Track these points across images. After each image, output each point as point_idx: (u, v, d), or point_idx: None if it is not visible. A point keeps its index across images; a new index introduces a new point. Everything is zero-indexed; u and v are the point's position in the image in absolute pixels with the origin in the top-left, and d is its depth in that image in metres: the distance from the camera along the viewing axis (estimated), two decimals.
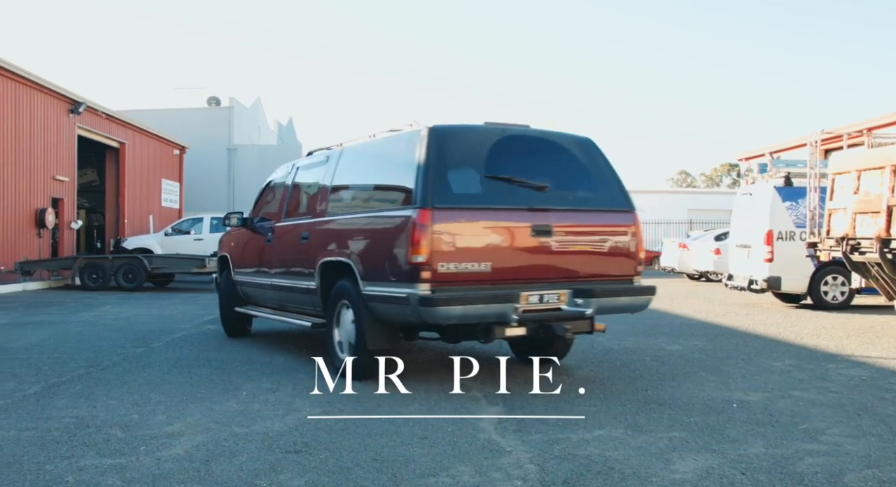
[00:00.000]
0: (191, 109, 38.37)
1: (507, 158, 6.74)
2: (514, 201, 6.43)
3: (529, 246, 6.35)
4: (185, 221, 24.53)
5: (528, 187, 6.48)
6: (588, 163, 7.02)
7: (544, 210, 6.45)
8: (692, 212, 42.70)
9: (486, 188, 6.49)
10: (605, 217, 6.86)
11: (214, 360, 7.92)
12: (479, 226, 6.25)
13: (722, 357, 8.30)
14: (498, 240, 6.28)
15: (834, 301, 14.00)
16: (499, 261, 6.21)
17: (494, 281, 6.20)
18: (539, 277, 6.41)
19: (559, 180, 6.86)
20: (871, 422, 5.33)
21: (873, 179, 10.05)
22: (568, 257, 6.58)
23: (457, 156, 6.54)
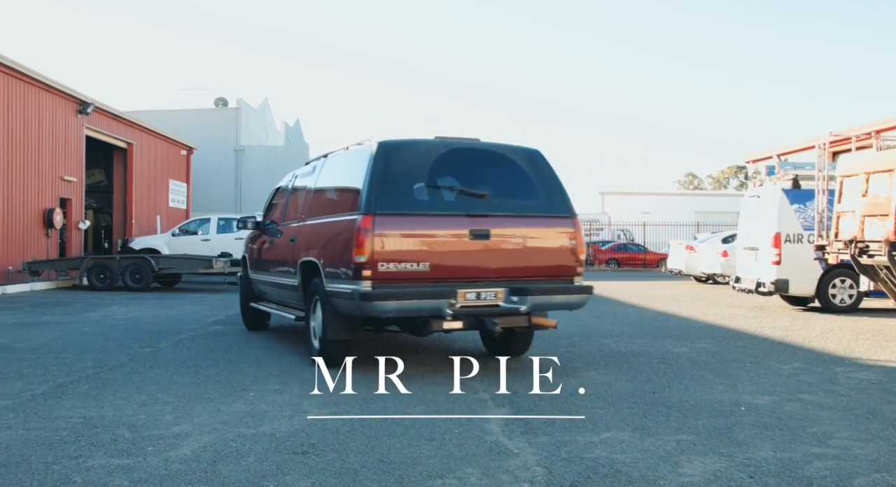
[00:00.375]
0: (198, 110, 38.46)
1: (452, 169, 7.37)
2: (453, 208, 7.14)
3: (467, 249, 7.01)
4: (192, 222, 24.58)
5: (468, 195, 7.20)
6: (533, 173, 7.59)
7: (483, 216, 7.09)
8: (699, 214, 42.69)
9: (428, 196, 7.17)
10: (546, 222, 7.48)
11: (222, 361, 7.94)
12: (418, 230, 6.92)
13: (729, 359, 8.27)
14: (436, 243, 6.98)
15: (842, 304, 13.94)
16: (437, 262, 6.90)
17: (433, 279, 6.86)
18: (477, 277, 7.01)
19: (502, 189, 7.46)
20: (881, 426, 5.31)
21: (882, 182, 10.00)
22: (506, 259, 7.20)
23: (402, 167, 7.18)
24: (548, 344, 9.26)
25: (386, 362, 6.53)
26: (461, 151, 7.51)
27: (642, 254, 37.44)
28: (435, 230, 6.99)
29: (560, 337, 10.04)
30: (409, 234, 6.88)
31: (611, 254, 37.68)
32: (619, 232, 43.71)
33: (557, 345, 9.19)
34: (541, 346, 9.09)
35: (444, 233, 7.01)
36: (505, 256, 7.20)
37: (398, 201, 6.95)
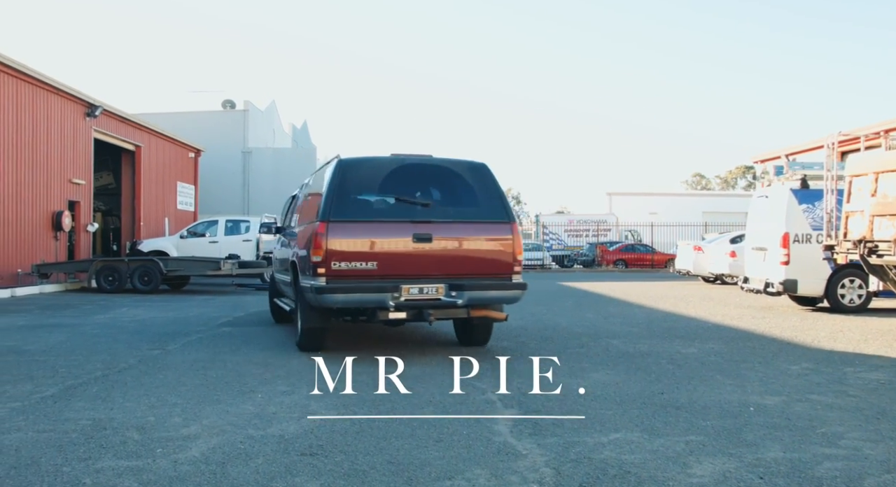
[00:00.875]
0: (206, 112, 38.57)
1: (403, 182, 8.41)
2: (399, 215, 8.17)
3: (411, 250, 8.00)
4: (200, 224, 24.63)
5: (413, 204, 8.23)
6: (476, 184, 8.54)
7: (426, 222, 8.08)
8: (707, 214, 42.60)
9: (377, 205, 8.32)
10: (485, 227, 8.37)
11: (230, 362, 7.95)
12: (366, 234, 8.02)
13: (738, 360, 8.24)
14: (382, 245, 8.03)
15: (851, 304, 13.88)
16: (383, 262, 7.95)
17: (380, 276, 7.91)
18: (420, 274, 8.02)
19: (447, 198, 8.59)
20: (891, 426, 5.28)
21: (891, 181, 9.95)
22: (447, 259, 8.15)
23: (356, 181, 8.33)
24: (556, 345, 9.26)
25: (386, 362, 6.55)
26: (412, 166, 8.57)
27: (650, 255, 37.35)
28: (382, 234, 8.06)
29: (568, 337, 10.04)
30: (360, 238, 7.98)
31: (618, 255, 37.61)
32: (627, 232, 43.65)
33: (566, 346, 9.18)
34: (549, 347, 9.10)
35: (389, 237, 8.07)
36: (445, 257, 8.15)
37: (351, 210, 8.08)
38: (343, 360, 6.44)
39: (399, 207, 8.24)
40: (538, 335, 10.34)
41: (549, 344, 9.37)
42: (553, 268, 37.87)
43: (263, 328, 11.17)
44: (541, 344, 9.44)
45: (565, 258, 40.19)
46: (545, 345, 9.29)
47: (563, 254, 40.85)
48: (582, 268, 37.70)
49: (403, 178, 8.43)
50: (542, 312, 13.76)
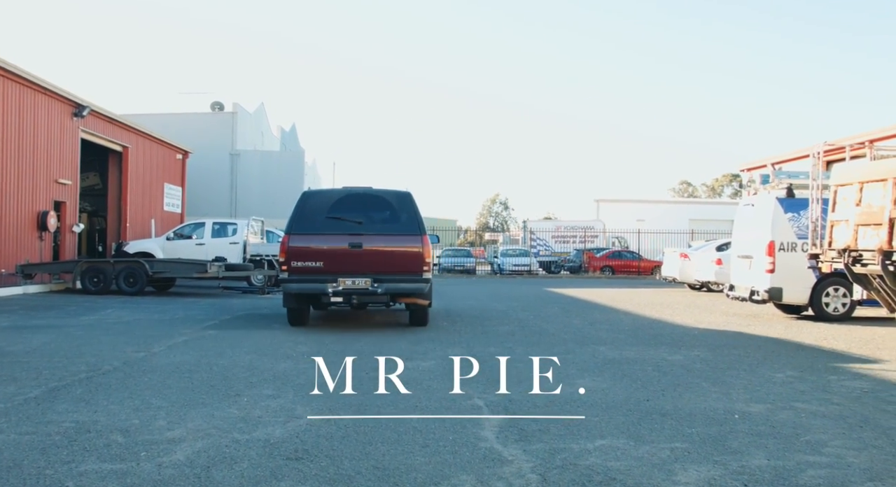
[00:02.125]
0: (194, 114, 38.46)
1: (347, 206, 11.41)
2: (339, 230, 11.16)
3: (347, 254, 11.04)
4: (186, 226, 24.49)
5: (350, 222, 11.21)
6: (399, 207, 11.52)
7: (359, 234, 11.13)
8: (693, 222, 42.76)
9: (325, 223, 11.25)
10: (402, 238, 11.30)
11: (216, 366, 7.91)
12: (316, 243, 11.14)
13: (724, 367, 8.28)
14: (326, 251, 11.12)
15: (835, 312, 13.97)
16: (327, 262, 11.04)
17: (325, 271, 10.98)
18: (353, 271, 10.98)
19: (376, 217, 11.47)
20: (874, 435, 5.32)
21: (875, 191, 10.04)
22: (373, 260, 11.06)
23: (313, 206, 11.58)
24: (543, 351, 9.26)
25: (386, 362, 6.60)
26: (355, 195, 11.66)
27: (637, 262, 37.47)
28: (326, 243, 11.15)
29: (554, 343, 10.07)
30: (309, 245, 11.11)
31: (605, 262, 37.70)
32: (614, 239, 43.77)
33: (552, 352, 9.18)
34: (536, 353, 9.10)
35: (331, 245, 11.14)
36: (372, 259, 11.07)
37: (306, 226, 11.23)
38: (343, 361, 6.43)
39: (340, 224, 11.21)
40: (525, 341, 10.36)
41: (536, 350, 9.37)
42: (540, 274, 37.90)
43: (249, 331, 11.13)
44: (528, 349, 9.45)
45: (552, 264, 40.24)
46: (532, 351, 9.29)
47: (550, 260, 40.89)
48: (569, 275, 37.76)
49: (348, 204, 11.48)
50: (528, 318, 13.78)
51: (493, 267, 39.93)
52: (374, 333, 11.00)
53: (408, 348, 9.40)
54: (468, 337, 10.60)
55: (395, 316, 13.51)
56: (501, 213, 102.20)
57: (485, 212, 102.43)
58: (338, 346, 9.48)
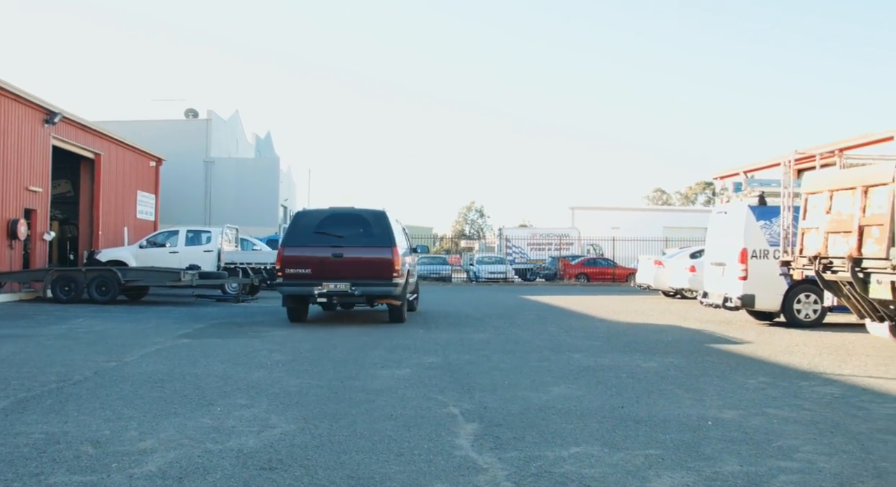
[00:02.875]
0: (168, 121, 38.15)
1: (331, 223, 13.61)
2: (324, 243, 13.36)
3: (331, 263, 13.23)
4: (160, 234, 24.28)
5: (333, 236, 13.39)
6: (374, 223, 13.63)
7: (340, 247, 13.31)
8: (668, 229, 43.12)
9: (313, 237, 13.42)
10: (376, 250, 13.38)
11: (189, 375, 7.84)
12: (304, 254, 13.35)
13: (697, 374, 8.34)
14: (313, 260, 13.27)
15: (807, 318, 14.14)
16: (314, 269, 13.24)
17: (312, 277, 13.21)
18: (335, 276, 13.19)
19: (355, 233, 13.51)
20: (844, 440, 5.38)
21: (845, 199, 10.19)
22: (351, 268, 13.24)
23: (304, 222, 13.80)
24: (518, 358, 9.29)
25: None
26: (338, 214, 13.91)
27: (612, 269, 37.68)
28: (313, 253, 13.34)
29: (530, 351, 10.09)
30: (300, 255, 13.36)
31: (580, 269, 37.87)
32: (589, 246, 43.98)
33: (527, 360, 9.21)
34: (511, 360, 9.13)
35: (317, 255, 13.33)
36: (351, 266, 13.25)
37: (298, 239, 13.56)
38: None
39: (325, 238, 13.41)
40: (500, 348, 10.37)
41: (511, 358, 9.39)
42: (516, 282, 37.99)
43: (223, 340, 11.04)
44: (503, 357, 9.46)
45: (528, 271, 40.37)
46: (507, 358, 9.31)
47: (525, 268, 41.02)
48: (544, 282, 37.88)
49: (332, 221, 13.70)
50: (504, 325, 13.81)
51: (468, 275, 39.96)
52: (351, 341, 10.95)
53: (384, 356, 9.38)
54: (443, 345, 10.59)
55: (376, 319, 13.50)
56: (477, 221, 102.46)
57: (461, 220, 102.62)
58: (314, 355, 9.43)
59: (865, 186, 9.77)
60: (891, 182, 9.28)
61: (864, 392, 7.41)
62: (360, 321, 14.28)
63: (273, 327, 13.02)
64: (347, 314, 15.96)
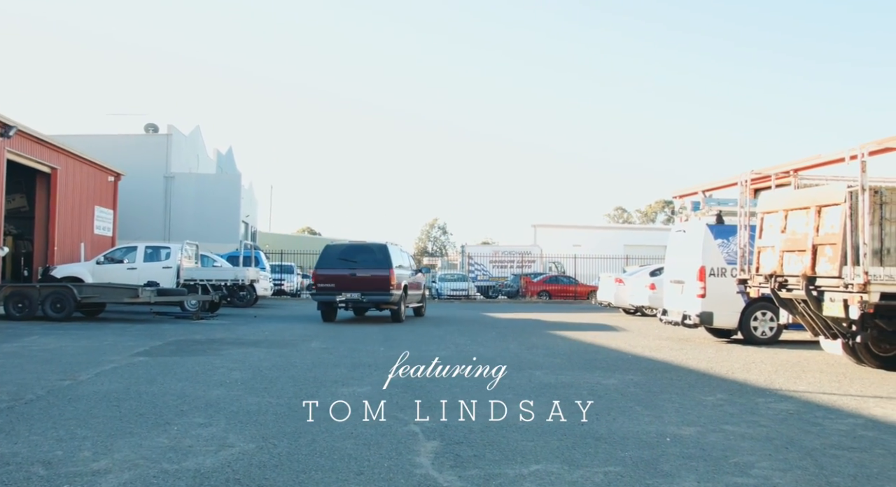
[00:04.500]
0: (127, 135, 37.68)
1: (349, 252, 19.17)
2: (344, 267, 18.75)
3: (348, 279, 18.56)
4: (118, 250, 23.89)
5: (350, 261, 18.78)
6: (378, 252, 18.89)
7: (354, 268, 18.63)
8: (628, 247, 43.66)
9: (337, 262, 18.83)
10: (378, 270, 18.45)
11: (145, 394, 7.70)
12: (330, 273, 18.76)
13: (656, 391, 8.42)
14: (336, 277, 18.67)
15: (763, 336, 14.37)
16: (337, 284, 18.66)
17: (335, 289, 18.67)
18: (351, 289, 18.51)
19: (365, 258, 18.78)
20: (799, 455, 5.47)
21: (799, 219, 10.40)
22: (361, 283, 18.44)
23: (331, 252, 19.40)
24: (481, 377, 9.28)
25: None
26: (354, 246, 19.65)
27: (573, 287, 37.93)
28: (336, 273, 18.62)
29: (491, 368, 10.08)
30: (327, 274, 18.71)
31: (542, 286, 38.06)
32: (551, 264, 44.26)
33: (490, 377, 9.21)
34: (473, 378, 9.12)
35: (339, 274, 18.61)
36: (361, 282, 18.47)
37: (326, 264, 18.95)
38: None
39: (344, 263, 18.84)
40: (462, 366, 10.35)
41: (476, 370, 9.39)
42: (478, 299, 38.04)
43: (182, 358, 10.87)
44: (469, 372, 9.45)
45: (490, 289, 40.44)
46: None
47: (488, 285, 41.09)
48: (506, 299, 37.98)
49: (350, 251, 19.35)
50: (465, 343, 13.81)
51: (430, 292, 39.91)
52: (311, 358, 10.86)
53: (345, 373, 9.32)
54: (404, 362, 10.55)
55: (340, 337, 13.39)
56: (440, 238, 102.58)
57: (423, 237, 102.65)
58: (274, 373, 9.34)
59: (819, 206, 9.99)
60: (842, 202, 9.50)
61: (819, 408, 7.55)
62: (325, 338, 14.17)
63: (232, 345, 12.87)
64: (317, 330, 15.85)
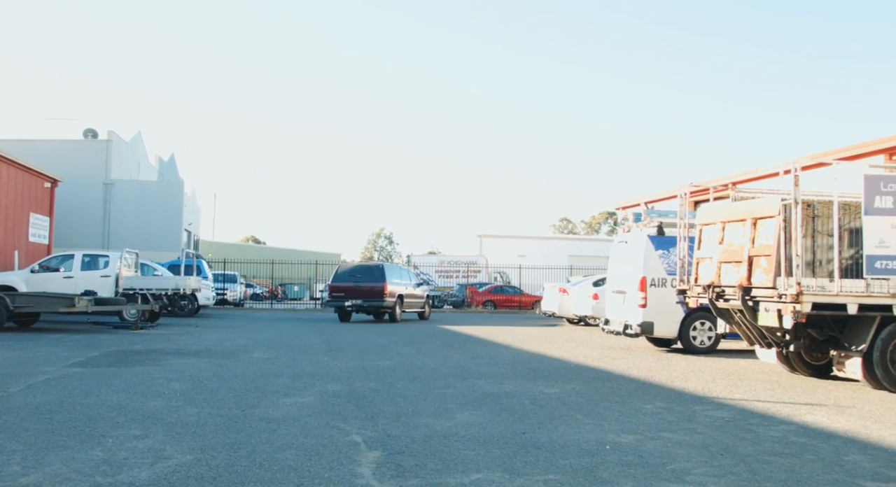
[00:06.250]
0: (65, 141, 36.75)
1: (356, 270, 25.82)
2: (351, 280, 25.16)
3: (354, 289, 24.84)
4: (54, 258, 23.25)
5: (356, 276, 25.19)
6: (375, 269, 25.40)
7: (358, 281, 24.94)
8: (573, 257, 44.14)
9: (347, 277, 25.63)
10: (375, 282, 24.57)
11: (80, 405, 7.50)
12: (341, 285, 25.36)
13: (597, 399, 8.53)
14: (346, 288, 25.12)
15: (702, 345, 14.69)
16: (345, 293, 25.05)
17: (345, 297, 25.06)
18: (355, 297, 24.75)
19: (366, 274, 25.08)
20: (733, 462, 5.59)
21: (736, 231, 10.68)
22: (363, 292, 24.61)
23: (342, 269, 26.40)
24: (423, 385, 9.28)
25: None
26: (360, 265, 26.59)
27: (518, 297, 38.20)
28: (346, 284, 25.07)
29: (435, 378, 10.10)
30: (339, 286, 25.31)
31: (487, 296, 38.25)
32: (496, 274, 44.52)
33: (433, 387, 9.22)
34: (416, 387, 9.11)
35: (348, 286, 24.95)
36: (363, 291, 24.53)
37: (339, 279, 25.62)
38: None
39: (352, 277, 24.98)
40: (406, 375, 10.35)
41: (417, 384, 9.38)
42: None
43: (119, 369, 10.62)
44: (408, 384, 9.45)
45: (436, 299, 40.47)
46: (412, 386, 9.30)
47: (433, 295, 41.12)
48: (452, 309, 38.06)
49: (357, 269, 25.77)
50: (410, 353, 13.79)
51: None
52: (253, 368, 10.72)
53: (287, 384, 9.22)
54: (348, 372, 10.50)
55: (289, 346, 13.24)
56: (386, 247, 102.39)
57: (370, 246, 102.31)
58: (214, 383, 9.19)
59: (755, 219, 10.27)
60: (777, 215, 9.79)
61: (753, 415, 7.73)
62: (267, 348, 14.00)
63: (172, 355, 12.62)
64: (260, 340, 15.64)
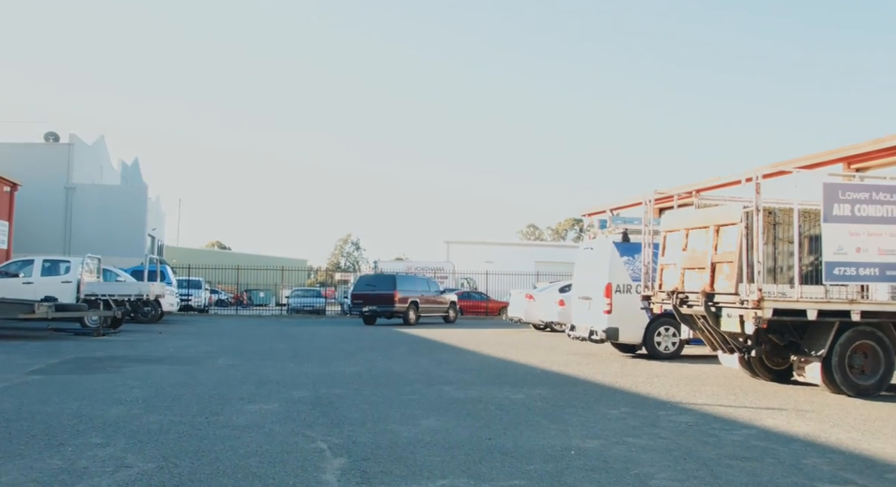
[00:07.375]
0: (25, 144, 36.16)
1: (373, 280, 30.28)
2: (368, 288, 29.22)
3: (370, 296, 28.58)
4: (12, 263, 22.81)
5: (373, 285, 29.25)
6: (388, 279, 29.35)
7: (374, 290, 28.72)
8: (539, 264, 44.25)
9: (365, 286, 29.70)
10: (386, 290, 28.05)
11: (39, 414, 7.36)
12: (361, 293, 29.47)
13: (563, 405, 8.57)
14: (365, 295, 28.97)
15: (666, 351, 14.83)
16: (364, 300, 28.83)
17: (364, 304, 28.76)
18: (372, 303, 28.41)
19: (381, 283, 29.05)
20: (696, 466, 5.66)
21: (700, 237, 10.82)
22: (377, 299, 28.22)
23: (363, 280, 31.47)
24: (390, 391, 9.26)
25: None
26: (377, 275, 31.86)
27: (485, 303, 38.28)
28: (364, 293, 29.05)
29: (402, 384, 10.08)
30: (359, 293, 29.45)
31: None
32: (463, 280, 44.53)
33: (399, 392, 9.20)
34: (383, 393, 9.09)
35: (366, 293, 28.89)
36: (377, 298, 28.16)
37: (358, 288, 30.38)
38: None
39: (369, 286, 29.12)
40: (372, 381, 10.31)
41: (383, 391, 9.36)
42: None
43: (80, 376, 10.44)
44: (375, 390, 9.42)
45: None
46: (379, 392, 9.27)
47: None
48: None
49: (374, 278, 30.65)
50: (377, 359, 13.75)
51: (343, 308, 39.58)
52: (217, 375, 10.60)
53: (252, 391, 9.14)
54: (314, 379, 10.43)
55: (258, 352, 13.09)
56: (353, 253, 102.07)
57: (336, 252, 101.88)
58: (177, 390, 9.08)
59: (717, 226, 10.42)
60: (739, 222, 9.94)
61: (716, 419, 7.83)
62: (231, 354, 13.86)
63: (135, 362, 12.44)
64: (224, 346, 15.47)
